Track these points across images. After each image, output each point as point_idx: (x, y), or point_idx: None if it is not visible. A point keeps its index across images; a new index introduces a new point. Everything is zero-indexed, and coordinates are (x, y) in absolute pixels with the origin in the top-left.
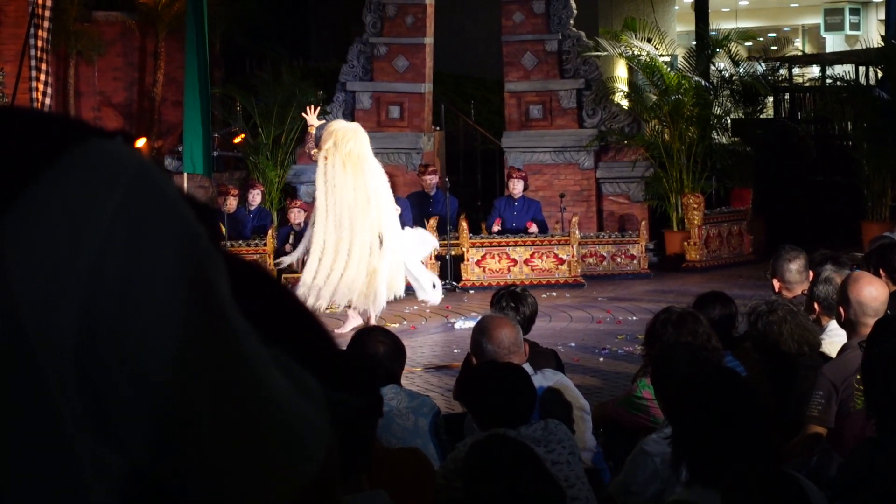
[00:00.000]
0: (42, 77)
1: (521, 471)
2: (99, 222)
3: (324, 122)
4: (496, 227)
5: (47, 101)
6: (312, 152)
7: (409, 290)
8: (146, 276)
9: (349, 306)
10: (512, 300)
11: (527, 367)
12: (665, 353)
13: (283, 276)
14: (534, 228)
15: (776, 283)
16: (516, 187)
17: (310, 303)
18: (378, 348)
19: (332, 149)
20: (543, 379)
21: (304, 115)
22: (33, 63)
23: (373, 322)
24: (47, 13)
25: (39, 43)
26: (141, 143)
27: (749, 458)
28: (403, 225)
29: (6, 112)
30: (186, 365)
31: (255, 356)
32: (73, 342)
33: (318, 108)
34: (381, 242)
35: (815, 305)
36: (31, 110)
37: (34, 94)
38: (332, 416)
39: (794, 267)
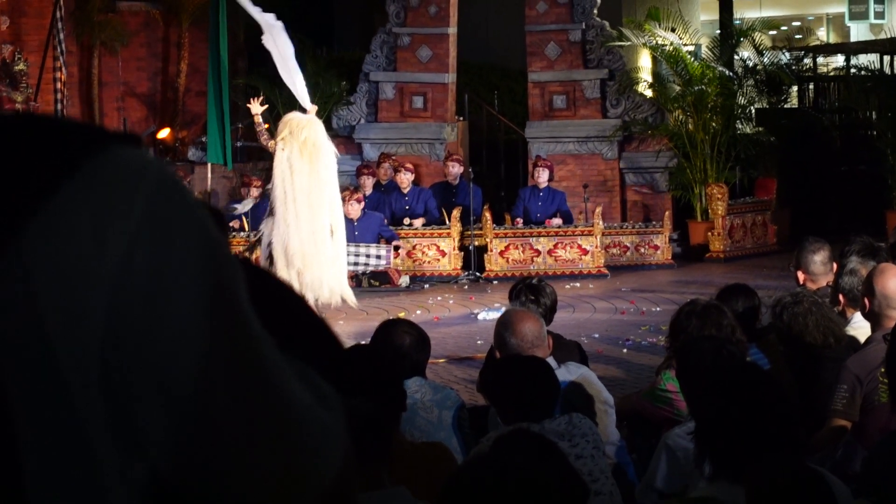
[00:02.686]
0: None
1: (544, 466)
2: (121, 232)
3: (265, 108)
4: (518, 223)
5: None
6: (269, 143)
7: (433, 280)
8: (169, 285)
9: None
10: (531, 293)
11: (550, 360)
12: (689, 345)
13: None
14: (556, 222)
15: (800, 275)
16: (542, 176)
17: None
18: (403, 339)
19: (289, 137)
20: (567, 372)
21: (248, 105)
22: (57, 53)
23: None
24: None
25: (63, 33)
26: (164, 133)
27: (773, 452)
28: (430, 216)
29: (26, 120)
30: (209, 373)
31: (275, 363)
32: (98, 352)
33: (262, 98)
34: (334, 233)
35: (840, 297)
36: (50, 117)
37: (58, 85)
38: (349, 421)
39: (819, 258)
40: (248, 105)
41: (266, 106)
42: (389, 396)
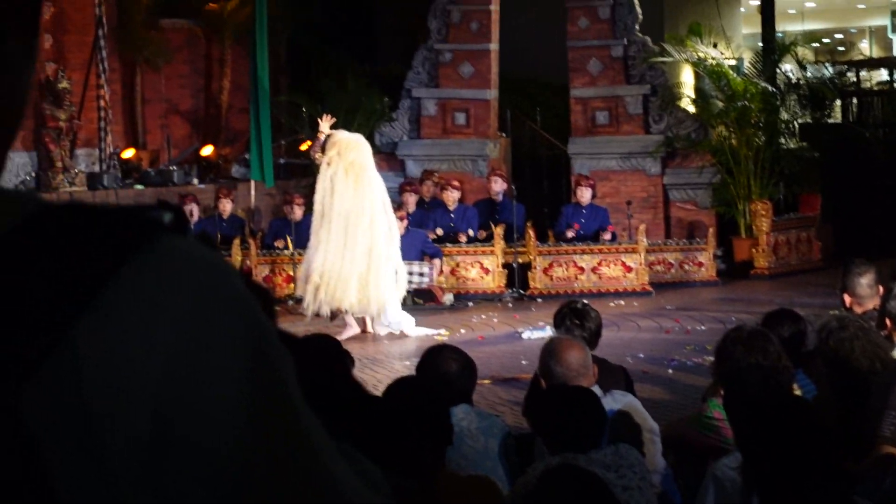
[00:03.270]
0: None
1: (591, 502)
2: (170, 326)
3: (332, 132)
4: (571, 233)
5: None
6: (317, 155)
7: (476, 298)
8: (217, 377)
9: (346, 311)
10: (575, 317)
11: (596, 388)
12: (736, 374)
13: None
14: (608, 236)
15: (847, 298)
16: (584, 195)
17: (310, 305)
18: (450, 366)
19: (336, 157)
20: (613, 401)
21: (319, 120)
22: (100, 71)
23: (371, 330)
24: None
25: (105, 51)
26: (208, 150)
27: (820, 483)
28: (473, 232)
29: (73, 210)
30: (258, 465)
31: (324, 449)
32: (145, 443)
33: (332, 118)
34: (371, 252)
35: (887, 321)
36: (98, 207)
37: (101, 103)
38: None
39: (865, 281)
40: (319, 120)
41: (334, 119)
42: (436, 431)
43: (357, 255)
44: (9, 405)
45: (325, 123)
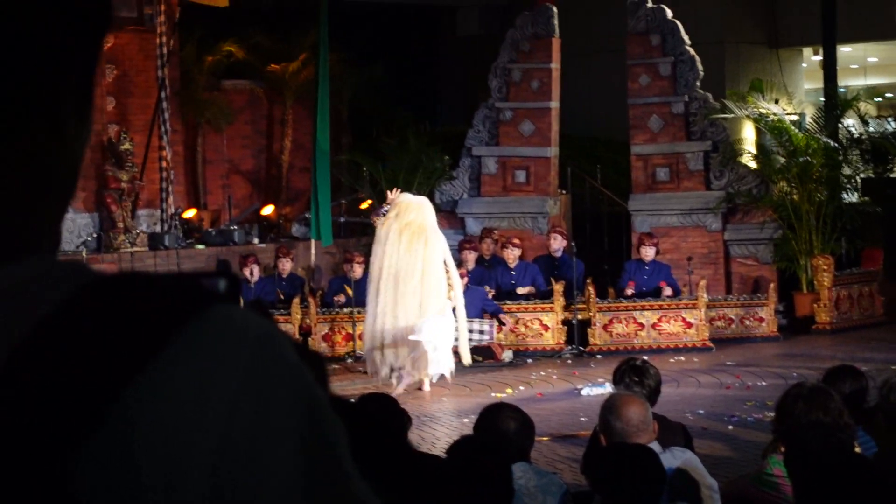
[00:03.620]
0: (168, 146)
1: None
2: (223, 396)
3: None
4: (629, 290)
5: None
6: (375, 220)
7: (536, 355)
8: (271, 450)
9: (401, 368)
10: (635, 374)
11: (655, 445)
12: (797, 432)
13: None
14: (668, 291)
15: None
16: (648, 254)
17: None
18: (508, 425)
19: (393, 218)
20: (672, 458)
21: (389, 192)
22: (162, 132)
23: (426, 388)
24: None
25: (168, 112)
26: (268, 210)
27: None
28: (538, 290)
29: (127, 278)
30: None
31: None
32: None
33: (400, 190)
34: (423, 308)
35: None
36: (151, 275)
37: (162, 164)
38: None
39: None
40: (389, 193)
41: (402, 191)
42: (497, 491)
43: (409, 313)
44: (60, 473)
45: (393, 195)
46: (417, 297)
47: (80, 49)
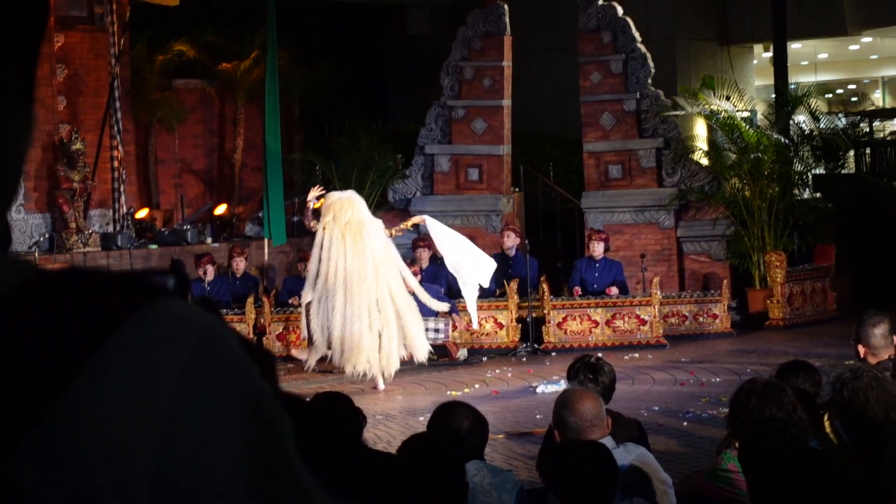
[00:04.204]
0: (120, 146)
1: None
2: (166, 387)
3: (326, 195)
4: (577, 293)
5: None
6: (311, 224)
7: (491, 353)
8: (214, 442)
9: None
10: (589, 371)
11: (608, 440)
12: (751, 427)
13: None
14: (614, 291)
15: (861, 349)
16: (597, 249)
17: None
18: (462, 423)
19: (332, 222)
20: (625, 453)
21: (312, 190)
22: (114, 132)
23: (381, 386)
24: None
25: (119, 112)
26: (221, 209)
27: None
28: (488, 288)
29: (71, 273)
30: None
31: None
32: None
33: (322, 188)
34: (381, 304)
35: None
36: (95, 270)
37: (115, 164)
38: None
39: (879, 332)
40: (312, 190)
41: (323, 189)
42: (450, 488)
43: (362, 315)
44: (3, 467)
45: (313, 193)
46: (373, 293)
47: (18, 43)
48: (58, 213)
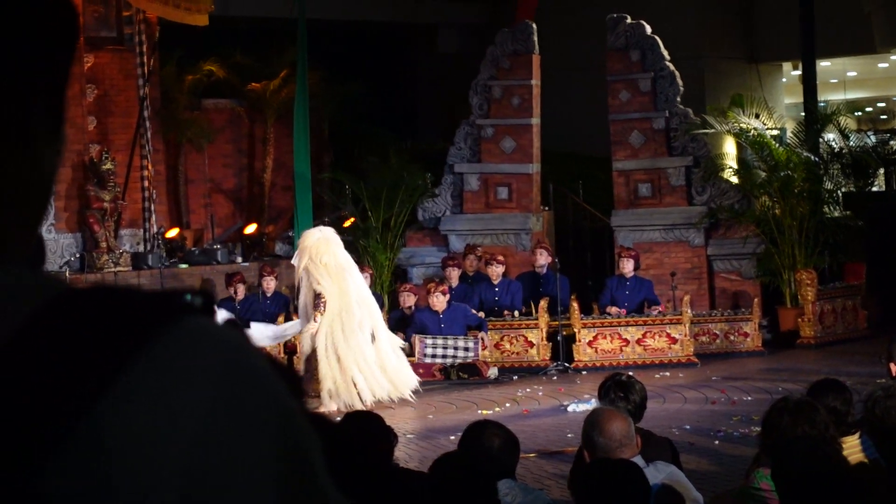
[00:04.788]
0: (150, 166)
1: None
2: (195, 406)
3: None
4: (614, 310)
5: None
6: (317, 315)
7: (521, 371)
8: (243, 460)
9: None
10: (620, 390)
11: (638, 459)
12: (784, 446)
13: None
14: (655, 311)
15: (892, 367)
16: (626, 267)
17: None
18: (493, 441)
19: (311, 263)
20: (656, 472)
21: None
22: (144, 152)
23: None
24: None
25: (149, 132)
26: (251, 228)
27: None
28: (515, 306)
29: (99, 291)
30: None
31: None
32: None
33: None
34: (373, 337)
35: None
36: (123, 288)
37: (144, 184)
38: None
39: None
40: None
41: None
42: None
43: (359, 351)
44: (31, 484)
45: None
46: (366, 327)
47: (48, 64)
48: (88, 232)
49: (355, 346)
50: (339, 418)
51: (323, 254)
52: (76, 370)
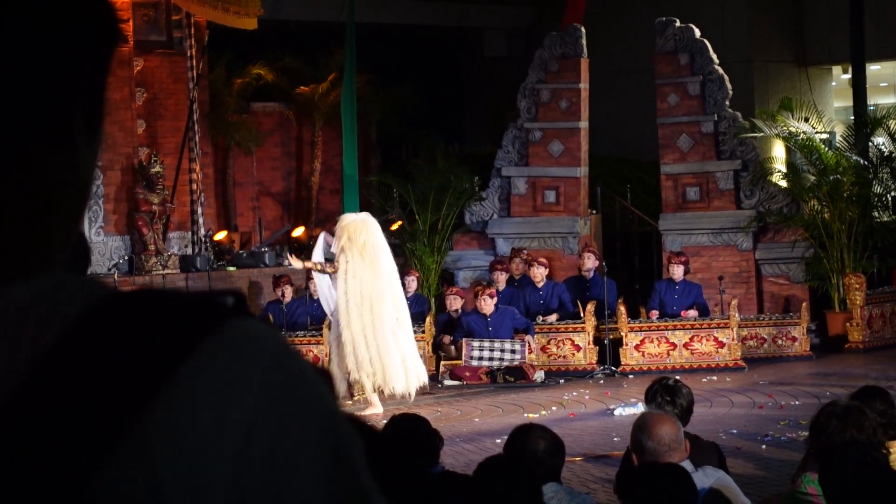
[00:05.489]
0: (199, 169)
1: None
2: (242, 408)
3: (339, 218)
4: (653, 315)
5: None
6: (329, 269)
7: (568, 375)
8: (289, 463)
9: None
10: (667, 393)
11: (686, 464)
12: (832, 451)
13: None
14: (691, 314)
15: None
16: (676, 272)
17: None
18: (538, 444)
19: (348, 243)
20: (704, 477)
21: (289, 258)
22: (193, 155)
23: (377, 407)
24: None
25: (198, 135)
26: (299, 231)
27: None
28: (565, 310)
29: (145, 294)
30: None
31: None
32: None
33: (294, 256)
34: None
35: None
36: (168, 291)
37: (193, 186)
38: None
39: None
40: (289, 258)
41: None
42: None
43: (390, 334)
44: (82, 487)
45: (294, 261)
46: (393, 315)
47: (88, 65)
48: (137, 235)
49: (381, 335)
50: (382, 421)
51: (361, 233)
52: (123, 375)
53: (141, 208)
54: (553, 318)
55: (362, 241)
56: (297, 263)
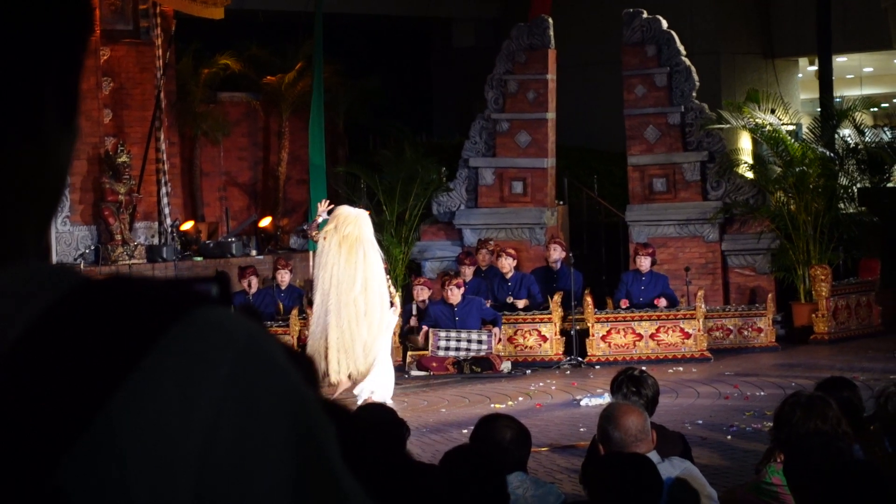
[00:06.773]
0: (166, 159)
1: None
2: (209, 396)
3: (337, 208)
4: (624, 304)
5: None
6: (313, 234)
7: (534, 366)
8: (259, 452)
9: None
10: (633, 384)
11: (653, 455)
12: (797, 441)
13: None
14: (663, 303)
15: None
16: (643, 264)
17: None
18: (504, 434)
19: (332, 231)
20: (671, 467)
21: (319, 204)
22: (159, 144)
23: (374, 398)
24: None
25: (165, 125)
26: (266, 222)
27: None
28: (534, 301)
29: (115, 282)
30: None
31: None
32: None
33: (330, 203)
34: (364, 315)
35: None
36: (139, 278)
37: (160, 176)
38: None
39: None
40: (319, 204)
41: (332, 205)
42: (492, 500)
43: (351, 321)
44: (47, 480)
45: (322, 207)
46: (360, 305)
47: (60, 56)
48: (103, 225)
49: (345, 320)
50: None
51: (348, 225)
52: (92, 364)
53: (107, 198)
54: (523, 303)
55: (346, 231)
56: (322, 209)
